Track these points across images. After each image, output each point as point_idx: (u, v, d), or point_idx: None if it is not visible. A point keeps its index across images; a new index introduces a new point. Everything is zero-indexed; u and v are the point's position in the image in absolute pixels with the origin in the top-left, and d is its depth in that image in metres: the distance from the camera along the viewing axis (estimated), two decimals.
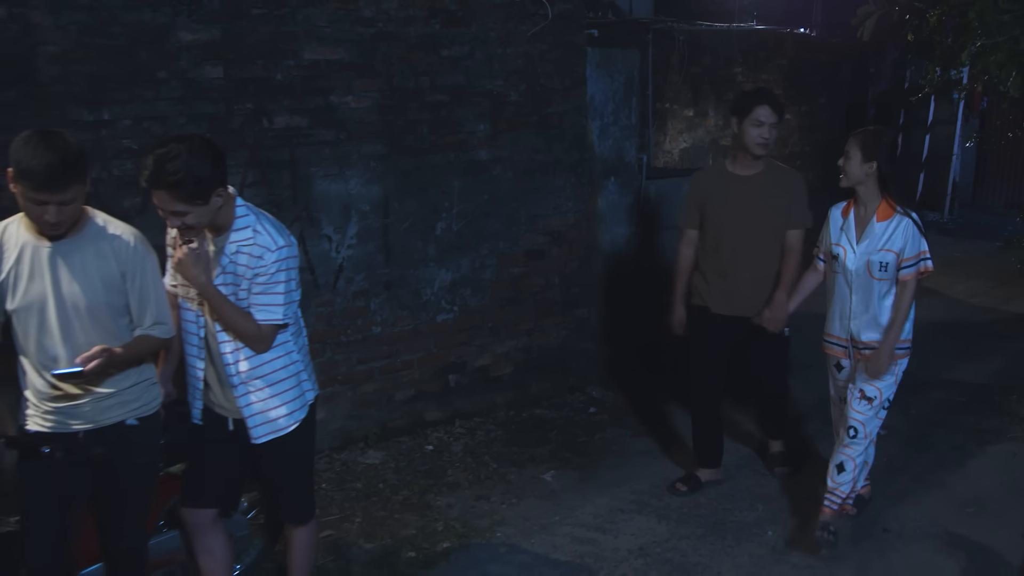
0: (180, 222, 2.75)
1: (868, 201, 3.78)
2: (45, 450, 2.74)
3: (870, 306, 3.79)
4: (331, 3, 4.45)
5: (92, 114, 3.90)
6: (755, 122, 4.08)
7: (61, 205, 2.56)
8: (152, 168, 2.67)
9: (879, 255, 3.72)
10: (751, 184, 4.20)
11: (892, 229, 3.71)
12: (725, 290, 4.28)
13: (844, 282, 3.83)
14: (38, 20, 3.72)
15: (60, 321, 2.69)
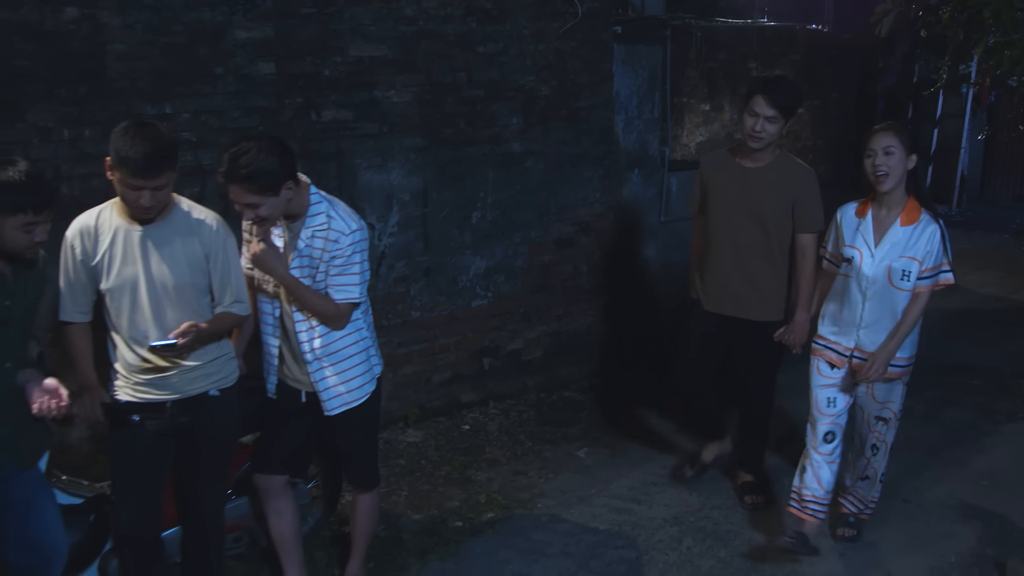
0: (254, 214, 2.97)
1: (893, 201, 3.49)
2: (135, 418, 2.97)
3: (884, 317, 3.53)
4: (375, 2, 4.67)
5: (155, 108, 4.12)
6: (749, 111, 3.82)
7: (155, 190, 2.79)
8: (227, 164, 2.90)
9: (901, 262, 3.45)
10: (754, 177, 3.91)
11: (918, 235, 3.44)
12: (715, 287, 4.09)
13: (857, 288, 3.55)
14: (107, 20, 3.94)
15: (150, 299, 2.91)
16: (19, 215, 2.56)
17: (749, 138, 3.84)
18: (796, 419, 4.83)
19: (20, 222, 2.57)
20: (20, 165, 2.61)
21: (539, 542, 3.92)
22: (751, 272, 3.98)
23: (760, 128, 3.77)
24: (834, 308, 3.69)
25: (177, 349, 2.83)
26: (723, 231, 4.01)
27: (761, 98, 3.75)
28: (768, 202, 3.89)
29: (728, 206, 3.97)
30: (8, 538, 2.77)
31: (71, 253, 2.92)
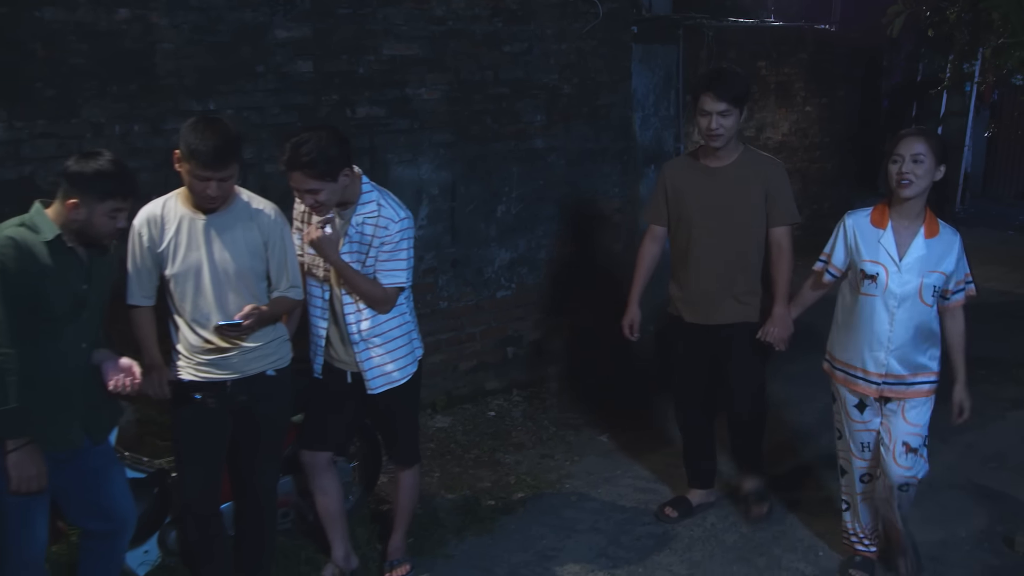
0: (313, 199, 3.16)
1: (913, 212, 3.30)
2: (197, 396, 3.16)
3: (914, 334, 3.33)
4: (407, 3, 4.85)
5: (200, 104, 4.29)
6: (700, 111, 3.65)
7: (221, 181, 2.98)
8: (289, 153, 3.10)
9: (932, 277, 3.27)
10: (722, 176, 3.77)
11: (942, 247, 3.29)
12: (697, 297, 3.88)
13: (884, 308, 3.31)
14: (156, 20, 4.12)
15: (213, 284, 3.09)
16: (108, 201, 2.75)
17: (708, 138, 3.70)
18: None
19: (109, 208, 2.76)
20: (107, 155, 2.81)
21: (569, 519, 4.11)
22: (730, 276, 3.82)
23: (716, 125, 3.61)
24: (855, 331, 3.41)
25: (241, 329, 3.02)
26: (697, 238, 3.82)
27: (708, 95, 3.61)
28: (740, 200, 3.75)
29: (699, 211, 3.80)
30: (84, 507, 2.95)
31: (138, 240, 3.10)
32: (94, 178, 2.72)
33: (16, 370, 2.62)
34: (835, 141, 10.09)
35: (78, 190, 2.74)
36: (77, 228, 2.78)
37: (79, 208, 2.74)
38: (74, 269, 2.80)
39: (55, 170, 3.90)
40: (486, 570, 3.72)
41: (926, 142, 3.23)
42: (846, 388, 3.49)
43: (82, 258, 2.83)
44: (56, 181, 2.85)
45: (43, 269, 2.70)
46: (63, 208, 2.76)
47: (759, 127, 9.17)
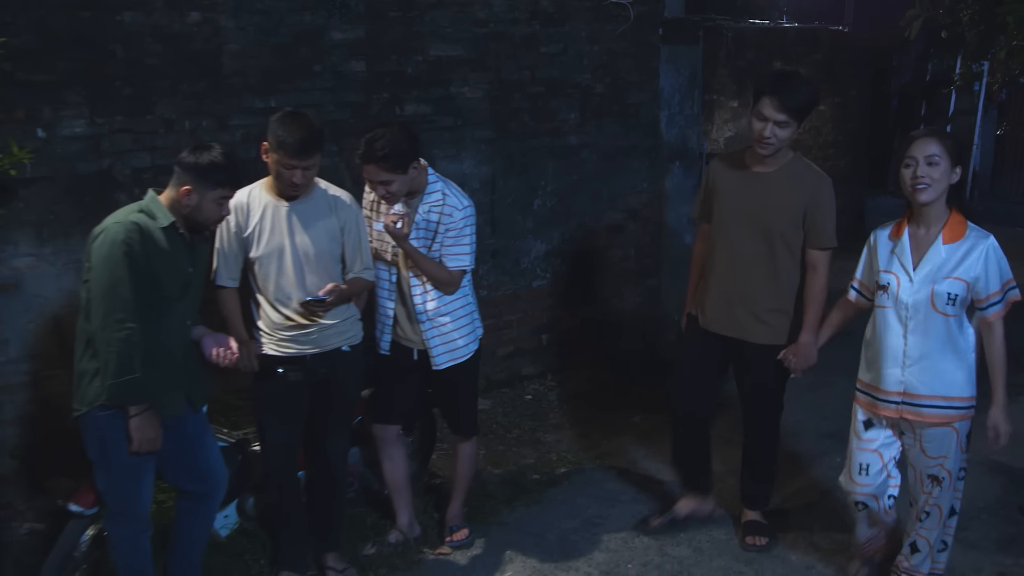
0: (385, 190, 3.43)
1: (932, 218, 3.10)
2: (280, 370, 3.43)
3: (931, 351, 3.09)
4: (452, 7, 5.12)
5: (262, 102, 4.57)
6: (757, 114, 3.43)
7: (305, 170, 3.25)
8: (364, 147, 3.38)
9: (946, 284, 3.03)
10: (762, 183, 3.54)
11: (964, 252, 3.04)
12: (716, 303, 3.69)
13: (897, 320, 3.13)
14: (224, 23, 4.40)
15: (294, 266, 3.37)
16: (218, 190, 3.02)
17: (757, 144, 3.47)
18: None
19: (218, 196, 3.03)
20: (217, 148, 3.07)
21: (612, 491, 4.39)
22: (753, 290, 3.59)
23: (770, 134, 3.38)
24: (874, 347, 3.24)
25: (324, 305, 3.29)
26: (724, 242, 3.64)
27: (769, 100, 3.35)
28: (775, 211, 3.50)
29: (731, 214, 3.60)
30: (183, 470, 3.23)
31: (226, 226, 3.37)
32: (208, 168, 2.99)
33: (139, 342, 2.89)
34: (848, 140, 10.34)
35: (192, 178, 3.01)
36: (187, 214, 3.05)
37: (191, 195, 3.01)
38: (183, 253, 3.07)
39: (131, 163, 4.22)
40: (538, 535, 3.98)
41: (940, 143, 3.05)
42: (861, 408, 3.31)
43: (189, 243, 3.10)
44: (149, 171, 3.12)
45: (160, 252, 2.97)
46: (176, 195, 3.03)
47: None
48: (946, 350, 3.10)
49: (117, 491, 3.05)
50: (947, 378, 3.11)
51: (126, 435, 2.93)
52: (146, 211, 3.02)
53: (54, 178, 4.03)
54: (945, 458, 3.17)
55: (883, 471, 3.32)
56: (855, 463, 3.33)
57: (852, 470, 3.35)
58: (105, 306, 2.90)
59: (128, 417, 2.92)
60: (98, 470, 3.05)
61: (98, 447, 3.00)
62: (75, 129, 4.07)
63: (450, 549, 3.84)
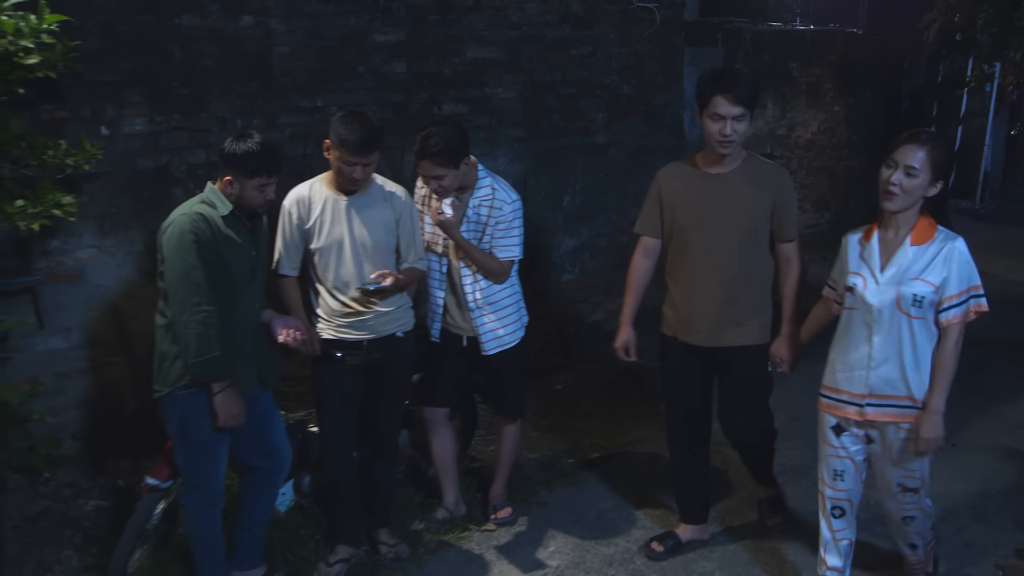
0: (438, 184, 3.64)
1: (902, 221, 3.02)
2: (338, 355, 3.63)
3: (897, 353, 3.02)
4: (488, 10, 5.33)
5: (309, 101, 4.78)
6: (711, 115, 3.32)
7: (365, 166, 3.46)
8: (420, 144, 3.58)
9: (911, 285, 2.96)
10: (724, 184, 3.45)
11: (932, 255, 2.97)
12: (694, 316, 3.57)
13: (862, 321, 3.07)
14: (275, 26, 4.61)
15: (353, 256, 3.57)
16: (256, 178, 3.20)
17: (718, 145, 3.36)
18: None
19: (257, 183, 3.22)
20: (255, 137, 3.25)
21: (645, 474, 4.59)
22: (732, 294, 3.50)
23: (730, 131, 3.30)
24: (840, 350, 3.18)
25: (383, 292, 3.50)
26: (697, 251, 3.52)
27: (724, 98, 3.27)
28: (746, 210, 3.44)
29: (700, 221, 3.48)
30: (253, 447, 3.44)
31: (288, 218, 3.58)
32: (243, 158, 3.17)
33: (216, 324, 3.10)
34: (861, 140, 10.53)
35: (231, 169, 3.20)
36: (233, 201, 3.24)
37: (233, 184, 3.20)
38: (246, 237, 3.27)
39: (187, 160, 4.44)
40: (577, 514, 4.19)
41: (927, 153, 2.94)
42: (828, 415, 3.22)
43: (250, 228, 3.30)
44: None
45: (224, 238, 3.18)
46: (222, 184, 3.23)
47: (790, 126, 9.62)
48: (911, 353, 3.01)
49: (195, 465, 3.26)
50: (911, 381, 3.03)
51: (209, 411, 3.14)
52: (207, 201, 3.22)
53: (116, 173, 4.24)
54: (914, 468, 3.12)
55: (858, 476, 3.25)
56: (828, 470, 3.26)
57: (826, 476, 3.27)
58: (181, 292, 3.11)
59: (212, 394, 3.12)
60: (178, 446, 3.26)
61: (179, 425, 3.21)
62: (136, 127, 4.28)
63: (495, 526, 4.05)
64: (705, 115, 3.37)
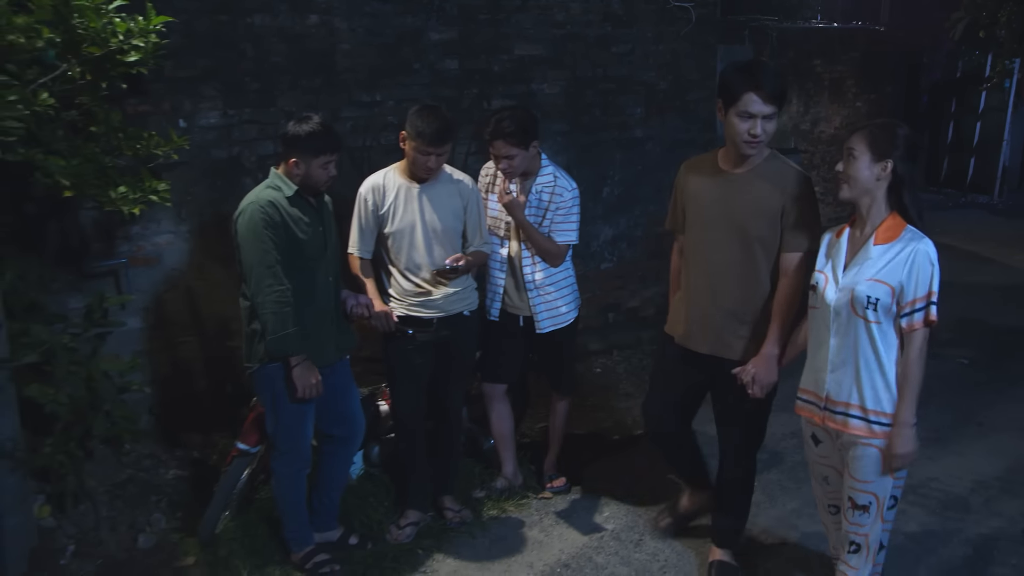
0: (508, 164, 3.89)
1: (871, 217, 2.88)
2: (410, 332, 3.90)
3: (853, 359, 2.87)
4: (534, 10, 5.59)
5: (368, 96, 5.05)
6: (741, 114, 3.08)
7: (439, 156, 3.72)
8: (493, 125, 3.85)
9: (866, 286, 2.80)
10: (738, 183, 3.24)
11: (893, 255, 2.79)
12: (690, 319, 3.41)
13: (823, 320, 2.95)
14: (338, 25, 4.87)
15: (424, 240, 3.83)
16: (321, 156, 3.44)
17: (744, 145, 3.13)
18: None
19: (322, 161, 3.45)
20: (316, 118, 3.47)
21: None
22: (733, 302, 3.30)
23: (760, 131, 3.08)
24: (810, 349, 3.08)
25: (457, 271, 3.76)
26: (700, 252, 3.37)
27: (756, 95, 3.04)
28: (752, 213, 3.20)
29: (705, 221, 3.32)
30: (332, 415, 3.71)
31: (364, 204, 3.84)
32: (307, 138, 3.40)
33: (290, 302, 3.35)
34: None
35: (296, 150, 3.42)
36: (299, 181, 3.46)
37: (299, 165, 3.43)
38: (312, 215, 3.50)
39: (257, 151, 4.72)
40: (628, 485, 4.45)
41: (864, 137, 2.84)
42: (803, 418, 3.13)
43: (315, 206, 3.55)
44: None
45: (293, 219, 3.40)
46: (287, 167, 3.46)
47: (814, 121, 9.86)
48: (865, 359, 2.85)
49: (284, 433, 3.53)
50: (865, 389, 2.86)
51: (290, 384, 3.40)
52: (273, 186, 3.44)
53: (192, 163, 4.52)
54: (870, 482, 2.90)
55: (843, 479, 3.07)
56: (816, 474, 3.20)
57: (815, 480, 3.22)
58: (257, 275, 3.34)
59: (289, 368, 3.37)
60: (269, 416, 3.52)
61: (269, 396, 3.47)
62: (210, 120, 4.57)
63: (551, 494, 4.32)
64: (732, 112, 3.10)
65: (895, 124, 2.86)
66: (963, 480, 4.52)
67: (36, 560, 3.64)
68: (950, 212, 12.15)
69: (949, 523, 4.10)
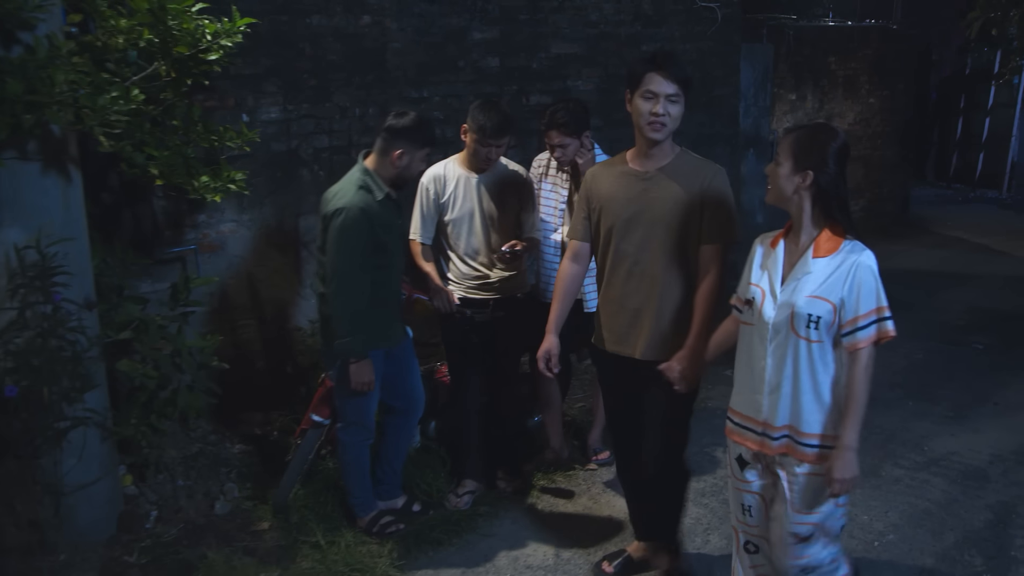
0: (562, 152, 4.14)
1: (803, 228, 2.73)
2: (468, 312, 4.17)
3: (792, 379, 2.69)
4: (570, 11, 5.86)
5: (417, 92, 5.32)
6: (644, 94, 3.08)
7: (497, 148, 3.99)
8: (548, 116, 4.11)
9: (807, 304, 2.64)
10: (652, 182, 3.18)
11: (833, 269, 2.64)
12: (619, 324, 3.31)
13: (759, 339, 2.75)
14: (389, 24, 5.15)
15: (482, 227, 4.10)
16: (425, 148, 3.70)
17: (649, 127, 3.10)
18: None
19: (424, 154, 3.71)
20: (412, 114, 3.72)
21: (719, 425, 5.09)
22: (661, 302, 3.21)
23: (663, 111, 3.05)
24: (741, 368, 2.89)
25: (513, 256, 4.04)
26: (622, 255, 3.24)
27: (657, 74, 3.03)
28: (670, 210, 3.14)
29: (626, 223, 3.21)
30: (396, 389, 3.98)
31: (425, 193, 4.12)
32: (416, 129, 3.64)
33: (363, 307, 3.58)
34: (895, 130, 11.01)
35: (404, 142, 3.63)
36: (396, 175, 3.68)
37: (404, 156, 3.65)
38: (395, 215, 3.76)
39: (313, 144, 4.99)
40: None
41: (789, 144, 2.71)
42: (732, 442, 2.94)
43: (397, 203, 3.82)
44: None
45: (382, 224, 3.63)
46: (389, 159, 3.65)
47: (828, 117, 10.10)
48: (806, 380, 2.68)
49: (352, 407, 3.80)
50: (804, 413, 2.69)
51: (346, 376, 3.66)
52: (364, 186, 3.63)
53: (253, 156, 4.78)
54: (813, 513, 2.74)
55: (767, 511, 2.90)
56: (736, 503, 2.97)
57: (736, 510, 2.99)
58: (340, 279, 3.57)
59: (348, 364, 3.63)
60: (338, 391, 3.79)
61: (340, 375, 3.73)
62: (271, 114, 4.84)
63: (596, 466, 4.60)
64: (637, 96, 3.10)
65: (824, 132, 2.71)
66: (981, 454, 4.79)
67: (123, 523, 3.92)
68: (960, 207, 12.44)
69: (970, 492, 4.38)
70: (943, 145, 13.50)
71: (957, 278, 8.57)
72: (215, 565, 3.69)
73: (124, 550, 3.80)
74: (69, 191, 3.56)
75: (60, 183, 3.50)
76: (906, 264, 8.86)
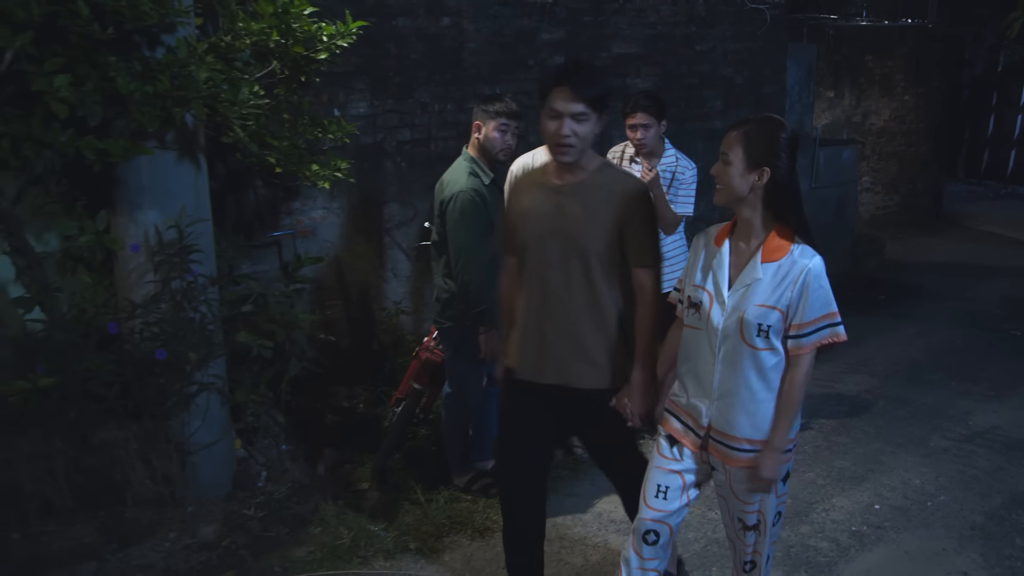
0: (643, 134, 4.48)
1: (752, 229, 2.61)
2: None
3: (740, 386, 2.60)
4: (630, 12, 6.21)
5: (490, 89, 5.67)
6: (549, 112, 2.82)
7: None
8: (632, 101, 4.48)
9: (756, 312, 2.55)
10: (570, 197, 2.91)
11: (782, 276, 2.54)
12: (532, 346, 3.00)
13: (708, 345, 2.65)
14: (466, 26, 5.52)
15: None
16: (498, 119, 3.99)
17: (556, 149, 2.84)
18: None
19: (499, 123, 4.00)
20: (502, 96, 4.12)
21: None
22: (574, 324, 2.93)
23: (568, 131, 2.78)
24: (688, 367, 2.76)
25: None
26: (534, 271, 2.97)
27: (562, 90, 2.77)
28: (589, 229, 2.87)
29: (538, 239, 2.94)
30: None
31: (513, 180, 4.47)
32: (486, 100, 4.02)
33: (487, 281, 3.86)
34: (928, 127, 11.28)
35: (480, 112, 4.00)
36: (481, 147, 4.01)
37: (480, 128, 4.00)
38: (500, 197, 4.09)
39: (396, 137, 5.36)
40: None
41: (739, 140, 2.55)
42: (664, 428, 2.83)
43: (500, 187, 4.17)
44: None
45: (490, 205, 3.96)
46: (474, 139, 4.02)
47: (864, 114, 10.40)
48: (756, 388, 2.59)
49: (459, 378, 4.17)
50: (757, 420, 2.61)
51: (476, 346, 4.00)
52: (472, 172, 3.99)
53: (343, 148, 5.15)
54: (759, 502, 2.72)
55: (683, 495, 2.80)
56: (652, 484, 2.80)
57: (648, 493, 2.81)
58: (466, 256, 3.91)
59: (480, 334, 3.98)
60: (450, 366, 4.17)
61: (453, 349, 4.11)
62: (359, 109, 5.22)
63: None
64: (543, 113, 2.85)
65: (775, 124, 2.58)
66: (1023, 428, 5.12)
67: (238, 481, 4.31)
68: (992, 203, 12.67)
69: (1015, 461, 4.70)
70: (974, 142, 13.72)
71: (992, 270, 8.85)
72: (327, 518, 4.07)
73: (242, 505, 4.19)
74: (199, 178, 3.94)
75: (192, 170, 3.88)
76: (942, 258, 9.16)
